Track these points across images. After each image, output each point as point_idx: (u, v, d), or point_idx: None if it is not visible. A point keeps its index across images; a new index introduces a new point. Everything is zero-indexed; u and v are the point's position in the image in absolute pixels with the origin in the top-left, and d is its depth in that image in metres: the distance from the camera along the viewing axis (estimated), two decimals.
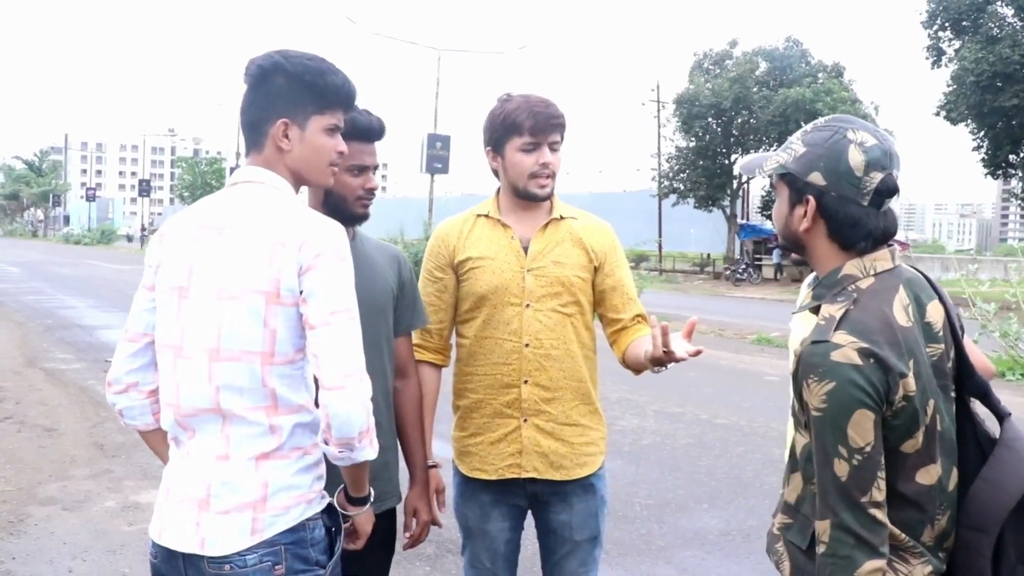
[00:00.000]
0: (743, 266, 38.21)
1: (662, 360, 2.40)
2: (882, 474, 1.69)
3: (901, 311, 1.76)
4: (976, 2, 30.93)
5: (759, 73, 39.78)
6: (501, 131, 2.73)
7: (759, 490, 6.41)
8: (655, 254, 44.01)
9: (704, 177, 40.66)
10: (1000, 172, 34.10)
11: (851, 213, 1.79)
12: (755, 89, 38.82)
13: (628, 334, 2.78)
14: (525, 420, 2.73)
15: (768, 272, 39.25)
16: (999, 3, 30.98)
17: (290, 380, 1.94)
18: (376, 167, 2.59)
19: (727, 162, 40.90)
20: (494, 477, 2.75)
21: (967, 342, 1.91)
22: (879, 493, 1.68)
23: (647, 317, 2.73)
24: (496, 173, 2.82)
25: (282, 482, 1.94)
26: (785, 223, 1.89)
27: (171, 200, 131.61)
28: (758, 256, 41.04)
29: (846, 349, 1.67)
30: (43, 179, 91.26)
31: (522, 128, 2.68)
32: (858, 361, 1.66)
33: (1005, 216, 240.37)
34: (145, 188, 66.93)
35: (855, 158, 1.77)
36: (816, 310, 1.83)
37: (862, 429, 1.67)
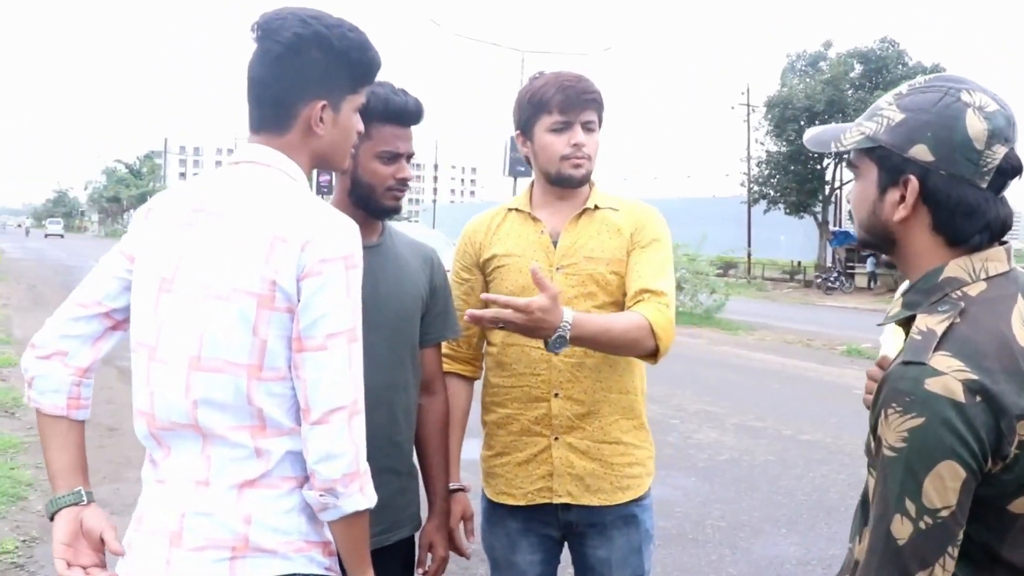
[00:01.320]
0: (835, 274, 37.19)
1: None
2: (953, 551, 1.29)
3: (1022, 327, 1.36)
4: None
5: (854, 75, 38.68)
6: (529, 111, 2.40)
7: (844, 515, 5.91)
8: (744, 261, 43.17)
9: (795, 183, 39.59)
10: None
11: (967, 198, 1.38)
12: (850, 91, 37.72)
13: None
14: (556, 438, 2.39)
15: (861, 281, 38.14)
16: None
17: (280, 400, 1.63)
18: (411, 155, 2.28)
19: (819, 167, 39.80)
20: (522, 503, 2.42)
21: None
22: (943, 574, 1.29)
23: (658, 291, 2.30)
24: (528, 161, 2.49)
25: (268, 520, 1.63)
26: (872, 212, 1.48)
27: None
28: (851, 264, 39.91)
29: (947, 378, 1.28)
30: (141, 181, 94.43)
31: (550, 105, 2.35)
32: (961, 397, 1.27)
33: None
34: None
35: (975, 126, 1.37)
36: (909, 322, 1.43)
37: (945, 487, 1.27)
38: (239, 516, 1.62)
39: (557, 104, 2.34)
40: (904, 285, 1.82)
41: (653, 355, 2.29)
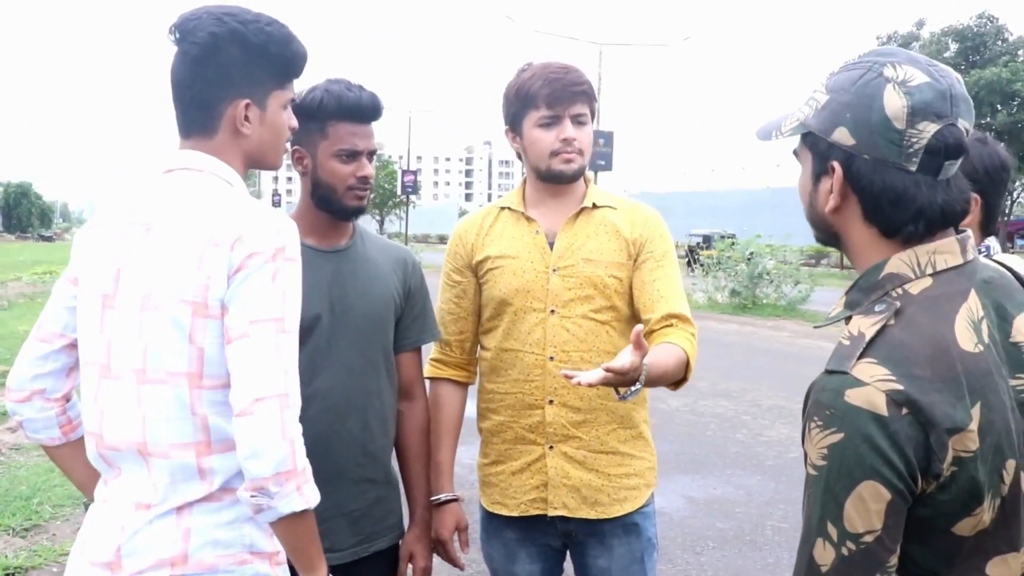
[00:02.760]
0: None
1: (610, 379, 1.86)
2: None
3: (967, 329, 1.21)
4: None
5: (949, 55, 37.20)
6: (517, 105, 2.31)
7: None
8: (836, 251, 42.01)
9: None
10: None
11: (892, 183, 1.24)
12: None
13: (652, 340, 2.23)
14: (551, 447, 2.29)
15: None
16: None
17: (224, 408, 1.58)
18: (373, 152, 2.21)
19: None
20: (515, 513, 2.33)
21: None
22: None
23: (685, 317, 2.22)
24: (519, 157, 2.39)
25: (208, 534, 1.58)
26: (810, 203, 1.36)
27: None
28: None
29: (869, 389, 1.15)
30: None
31: (537, 100, 2.25)
32: (884, 410, 1.14)
33: None
34: None
35: (893, 103, 1.23)
36: (849, 323, 1.30)
37: (867, 509, 1.15)
38: (179, 531, 1.58)
39: (544, 98, 2.24)
40: None
41: (678, 384, 2.19)
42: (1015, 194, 35.31)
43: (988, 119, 33.85)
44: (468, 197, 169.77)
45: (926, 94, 1.23)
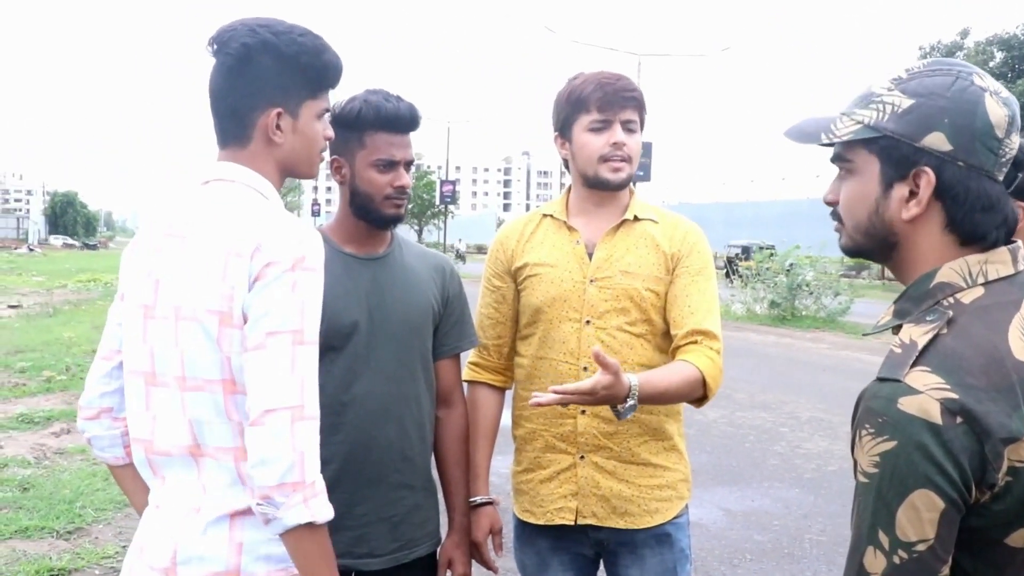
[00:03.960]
0: None
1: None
2: None
3: (1020, 339, 1.20)
4: None
5: (994, 64, 36.67)
6: (568, 110, 2.32)
7: None
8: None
9: None
10: None
11: (986, 191, 1.23)
12: None
13: (675, 356, 2.24)
14: (582, 457, 2.29)
15: None
16: None
17: None
18: (410, 162, 2.24)
19: None
20: (542, 521, 2.34)
21: None
22: None
23: (710, 334, 2.21)
24: (567, 164, 2.40)
25: (259, 549, 1.61)
26: (874, 211, 1.30)
27: None
28: None
29: (923, 397, 1.14)
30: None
31: (589, 103, 2.26)
32: (938, 419, 1.12)
33: None
34: None
35: (996, 112, 1.22)
36: (898, 332, 1.28)
37: (920, 518, 1.14)
38: (232, 545, 1.60)
39: (596, 102, 2.26)
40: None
41: (699, 401, 2.21)
42: None
43: None
44: (506, 207, 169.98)
45: (1014, 107, 1.24)
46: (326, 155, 1.95)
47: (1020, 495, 1.15)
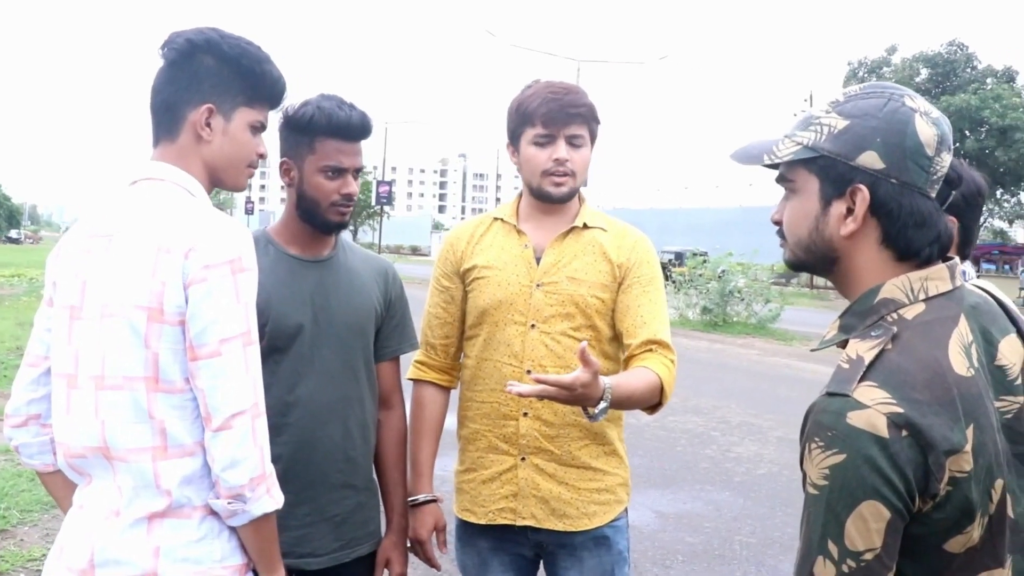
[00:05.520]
0: None
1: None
2: None
3: (959, 354, 1.26)
4: None
5: (919, 80, 37.78)
6: (516, 121, 2.36)
7: None
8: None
9: None
10: None
11: (919, 207, 1.30)
12: None
13: (630, 364, 2.29)
14: (523, 458, 2.33)
15: None
16: None
17: (181, 412, 1.63)
18: (358, 170, 2.26)
19: None
20: (483, 521, 2.37)
21: None
22: None
23: (665, 344, 2.26)
24: (519, 170, 2.44)
25: (178, 552, 1.62)
26: (814, 228, 1.37)
27: None
28: None
29: (871, 412, 1.19)
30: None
31: (534, 117, 2.29)
32: (884, 432, 1.18)
33: None
34: None
35: (925, 131, 1.29)
36: (844, 347, 1.34)
37: (867, 528, 1.20)
38: (148, 549, 1.62)
39: (541, 117, 2.29)
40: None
41: (653, 408, 2.25)
42: (983, 219, 35.80)
43: (957, 144, 34.38)
44: (441, 209, 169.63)
45: (944, 126, 1.31)
46: (256, 172, 1.96)
47: (958, 503, 1.21)
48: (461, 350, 2.49)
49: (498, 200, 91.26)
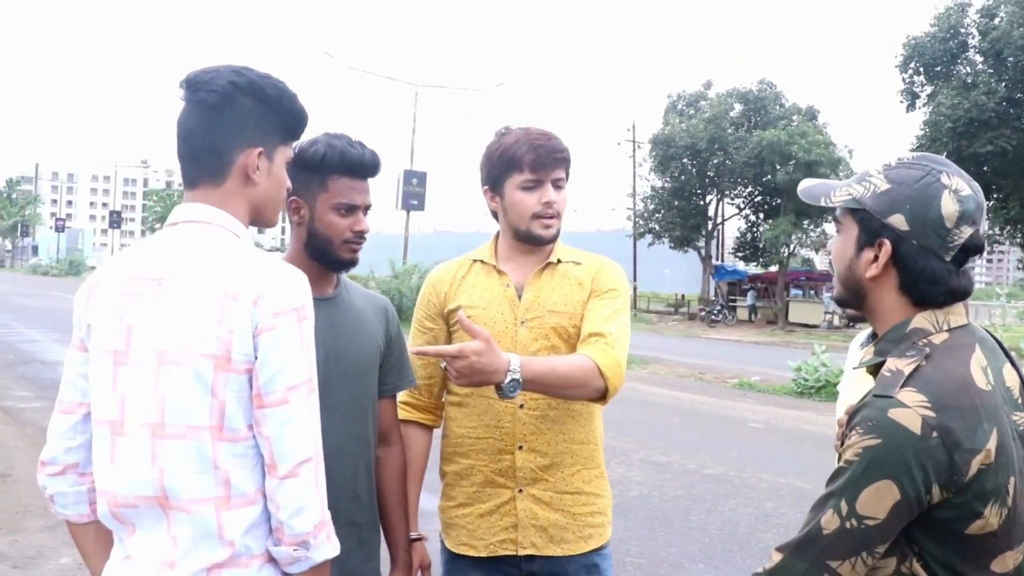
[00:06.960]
0: (718, 307, 38.37)
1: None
2: (868, 557, 1.47)
3: (980, 372, 1.52)
4: (950, 49, 31.35)
5: (734, 115, 40.07)
6: (499, 168, 2.44)
7: (755, 548, 6.09)
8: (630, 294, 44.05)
9: (679, 218, 40.78)
10: None
11: (931, 267, 1.55)
12: (730, 130, 39.04)
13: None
14: (520, 490, 2.42)
15: (742, 314, 39.49)
16: (972, 51, 31.42)
17: (243, 460, 1.61)
18: (368, 207, 2.28)
19: (702, 203, 41.12)
20: (484, 554, 2.43)
21: None
22: (851, 571, 1.48)
23: (606, 333, 2.34)
24: (495, 215, 2.52)
25: None
26: (848, 265, 1.64)
27: (142, 232, 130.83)
28: (732, 297, 41.33)
29: (911, 411, 1.44)
30: (13, 209, 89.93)
31: (522, 164, 2.39)
32: (919, 431, 1.42)
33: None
34: (116, 220, 66.22)
35: (948, 207, 1.53)
36: (878, 368, 1.58)
37: (878, 500, 1.44)
38: None
39: (529, 163, 2.38)
40: (862, 335, 2.13)
41: (603, 396, 2.32)
42: (791, 247, 38.21)
43: (769, 177, 36.66)
44: None
45: (970, 205, 1.55)
46: None
47: (978, 490, 1.44)
48: (444, 388, 2.54)
49: None
